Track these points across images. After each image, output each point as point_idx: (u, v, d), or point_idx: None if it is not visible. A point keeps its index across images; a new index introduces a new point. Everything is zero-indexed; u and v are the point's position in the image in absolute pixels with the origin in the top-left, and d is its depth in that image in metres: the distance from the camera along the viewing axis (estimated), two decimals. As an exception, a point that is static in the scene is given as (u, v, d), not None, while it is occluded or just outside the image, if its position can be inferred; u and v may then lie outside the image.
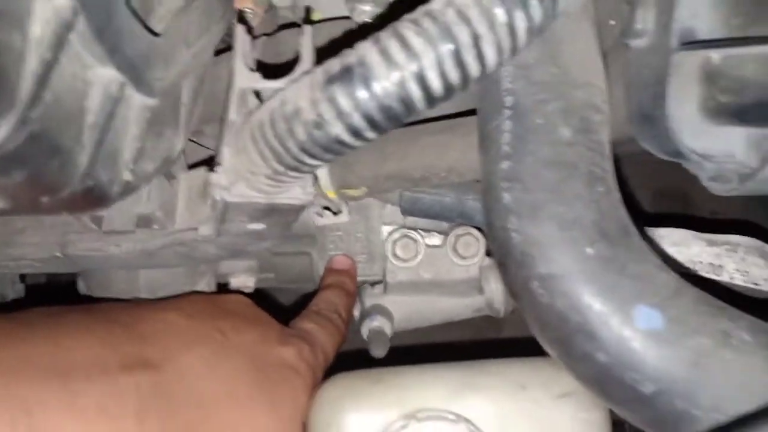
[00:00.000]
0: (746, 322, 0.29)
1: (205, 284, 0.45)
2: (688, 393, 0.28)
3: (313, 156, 0.25)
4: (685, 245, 0.48)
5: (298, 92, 0.24)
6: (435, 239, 0.55)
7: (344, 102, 0.23)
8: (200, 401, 0.34)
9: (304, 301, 0.49)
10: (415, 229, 0.55)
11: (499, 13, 0.23)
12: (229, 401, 0.35)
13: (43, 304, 0.35)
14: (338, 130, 0.24)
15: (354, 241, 0.56)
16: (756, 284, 0.50)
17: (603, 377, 0.30)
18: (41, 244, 0.35)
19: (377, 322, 0.55)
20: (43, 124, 0.17)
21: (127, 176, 0.24)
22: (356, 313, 0.58)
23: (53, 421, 0.28)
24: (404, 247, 0.54)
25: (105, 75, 0.20)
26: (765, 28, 0.27)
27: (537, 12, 0.23)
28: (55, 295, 0.50)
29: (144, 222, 0.32)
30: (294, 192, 0.29)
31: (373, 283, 0.58)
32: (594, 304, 0.29)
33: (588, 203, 0.30)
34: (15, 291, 0.47)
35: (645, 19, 0.32)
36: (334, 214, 0.50)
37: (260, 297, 0.48)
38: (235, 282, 0.49)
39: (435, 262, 0.54)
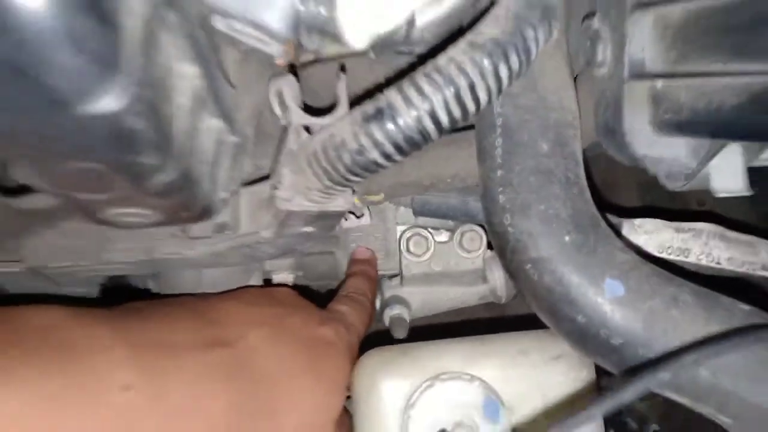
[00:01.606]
0: (689, 288, 0.37)
1: (255, 280, 0.53)
2: (646, 343, 0.35)
3: (355, 174, 0.33)
4: (656, 232, 0.56)
5: (343, 128, 0.32)
6: (443, 236, 0.61)
7: (379, 135, 0.31)
8: (265, 372, 0.41)
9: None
10: (425, 227, 0.60)
11: (488, 66, 0.31)
12: (286, 373, 0.42)
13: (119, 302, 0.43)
14: (375, 155, 0.32)
15: (373, 240, 0.61)
16: (719, 264, 0.57)
17: (582, 334, 0.37)
18: (130, 249, 0.43)
19: (397, 310, 0.60)
20: (187, 164, 0.25)
21: (224, 195, 0.32)
22: (377, 303, 0.65)
23: (170, 386, 0.35)
24: (416, 244, 0.60)
25: (215, 125, 0.28)
26: (692, 64, 0.35)
27: (515, 63, 0.31)
28: (120, 294, 0.58)
29: (219, 228, 0.40)
30: (339, 201, 0.37)
31: (391, 276, 0.63)
32: (573, 279, 0.37)
33: (564, 202, 0.38)
34: (98, 291, 0.55)
35: (603, 53, 0.40)
36: (358, 217, 0.57)
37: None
38: (276, 278, 0.57)
39: (444, 256, 0.60)
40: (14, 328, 0.33)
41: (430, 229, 0.61)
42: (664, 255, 0.55)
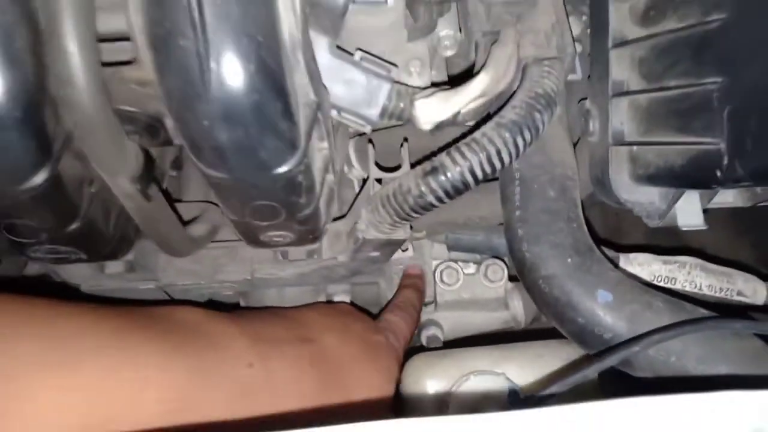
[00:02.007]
0: (661, 296, 0.49)
1: (321, 299, 0.67)
2: (629, 337, 0.48)
3: (416, 212, 0.46)
4: (647, 264, 0.68)
5: (408, 180, 0.46)
6: (471, 268, 0.70)
7: (434, 185, 0.44)
8: (338, 363, 0.53)
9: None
10: (455, 261, 0.69)
11: (509, 138, 0.45)
12: (355, 366, 0.54)
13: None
14: (431, 199, 0.44)
15: None
16: (701, 290, 0.69)
17: (582, 332, 0.49)
18: (238, 271, 0.55)
19: (432, 331, 0.69)
20: (318, 203, 0.39)
21: (325, 226, 0.45)
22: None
23: (277, 369, 0.47)
24: (448, 275, 0.69)
25: (330, 178, 0.43)
26: (654, 135, 0.49)
27: (528, 136, 0.45)
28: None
29: (310, 254, 0.54)
30: (400, 232, 0.50)
31: (426, 303, 0.70)
32: (574, 290, 0.49)
33: (567, 234, 0.51)
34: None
35: (594, 126, 0.55)
36: (404, 251, 0.68)
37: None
38: (336, 299, 0.71)
39: (471, 286, 0.69)
40: (173, 320, 0.46)
41: (459, 263, 0.70)
42: (655, 282, 0.68)
